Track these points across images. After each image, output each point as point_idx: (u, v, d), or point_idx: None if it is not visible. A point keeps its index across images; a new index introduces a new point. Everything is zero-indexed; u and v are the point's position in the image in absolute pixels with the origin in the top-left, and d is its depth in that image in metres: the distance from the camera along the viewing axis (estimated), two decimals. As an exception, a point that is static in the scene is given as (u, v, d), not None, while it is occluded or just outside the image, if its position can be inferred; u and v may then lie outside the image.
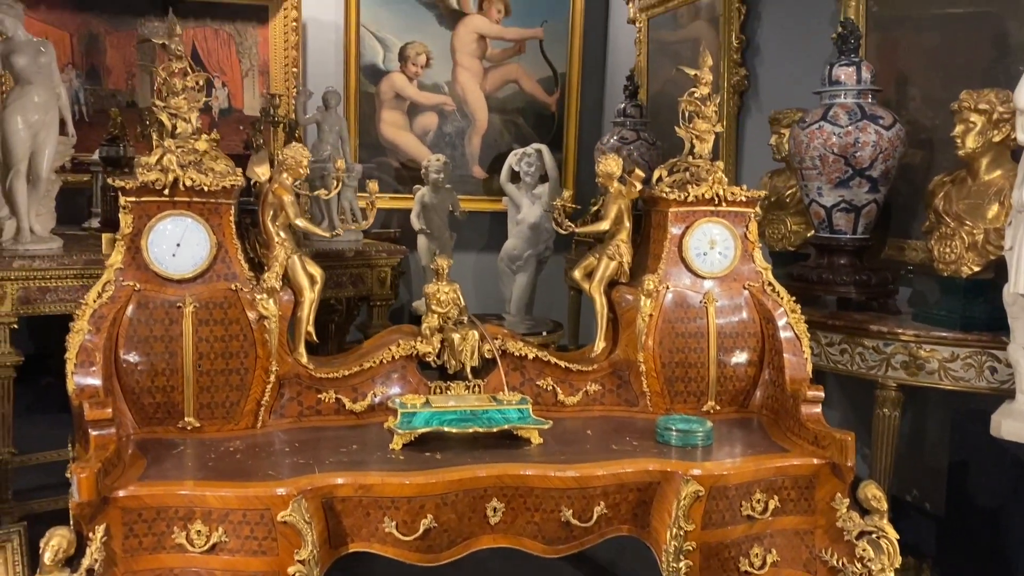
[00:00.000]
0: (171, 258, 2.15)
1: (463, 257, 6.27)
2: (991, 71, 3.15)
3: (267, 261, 2.26)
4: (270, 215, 2.25)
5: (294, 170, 2.25)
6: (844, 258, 3.29)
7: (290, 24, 5.74)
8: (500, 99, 6.31)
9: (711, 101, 2.45)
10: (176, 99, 2.18)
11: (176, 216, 2.15)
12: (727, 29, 4.67)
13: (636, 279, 2.47)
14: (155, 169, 2.11)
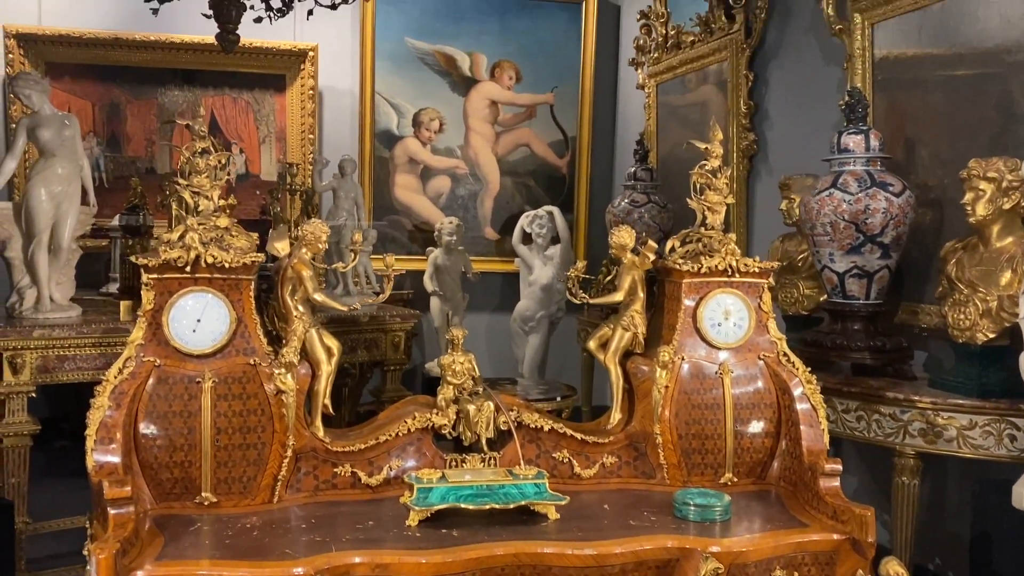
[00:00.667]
0: (191, 334, 2.18)
1: (476, 318, 6.31)
2: (998, 135, 3.19)
3: (285, 335, 2.29)
4: (289, 289, 2.28)
5: (313, 245, 2.29)
6: (858, 324, 3.29)
7: (307, 92, 5.87)
8: (512, 162, 6.41)
9: (722, 173, 2.49)
10: (199, 178, 2.23)
11: (197, 292, 2.18)
12: (735, 95, 4.75)
13: (651, 349, 2.48)
14: (177, 246, 2.15)
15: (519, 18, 6.29)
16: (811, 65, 4.27)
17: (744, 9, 4.65)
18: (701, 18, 5.08)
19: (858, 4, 3.75)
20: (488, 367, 6.27)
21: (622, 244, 2.50)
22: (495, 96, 6.33)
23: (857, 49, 3.79)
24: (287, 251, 2.30)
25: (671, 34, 5.41)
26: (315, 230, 2.29)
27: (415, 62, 6.20)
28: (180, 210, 2.52)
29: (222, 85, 5.78)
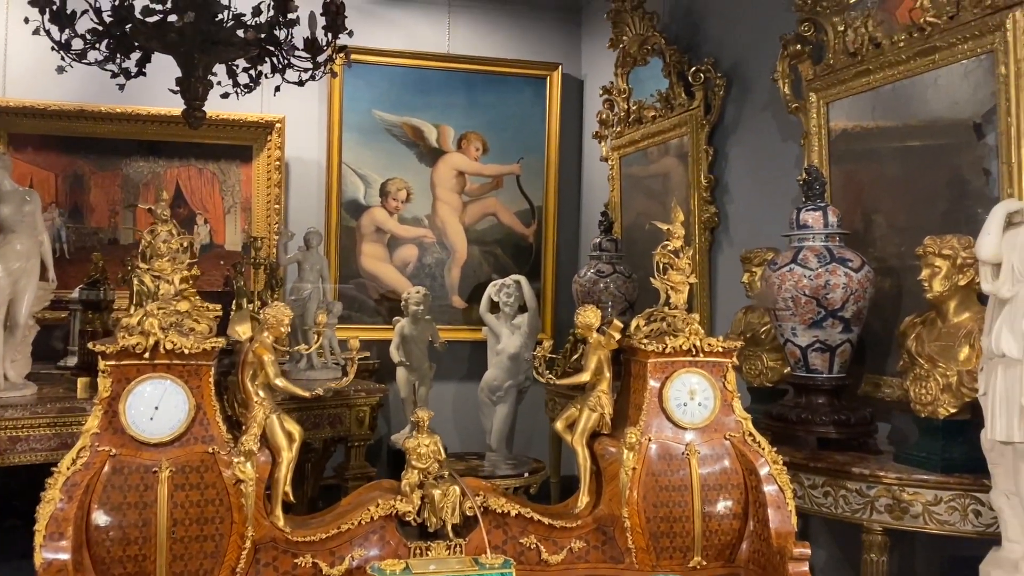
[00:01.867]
0: (148, 422, 2.13)
1: (442, 388, 6.25)
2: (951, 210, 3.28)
3: (245, 420, 2.25)
4: (249, 374, 2.25)
5: (275, 329, 2.27)
6: (822, 397, 3.32)
7: (273, 163, 5.89)
8: (479, 231, 6.45)
9: (684, 253, 2.52)
10: (160, 261, 2.21)
11: (155, 379, 2.14)
12: (696, 169, 4.85)
13: (617, 429, 2.47)
14: (136, 332, 2.11)
15: (486, 92, 6.41)
16: (769, 140, 4.38)
17: (703, 87, 4.78)
18: (662, 94, 5.21)
19: (813, 84, 3.88)
20: (455, 438, 6.20)
21: (588, 324, 2.51)
22: (462, 167, 6.40)
23: (813, 126, 3.90)
24: (248, 335, 2.27)
25: (633, 109, 5.53)
26: (277, 313, 2.27)
27: (382, 133, 6.27)
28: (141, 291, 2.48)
29: (187, 156, 5.78)
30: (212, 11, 3.48)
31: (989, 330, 2.45)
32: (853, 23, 3.63)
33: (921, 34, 3.26)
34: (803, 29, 3.87)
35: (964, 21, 3.08)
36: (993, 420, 2.40)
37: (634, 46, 5.31)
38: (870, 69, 3.54)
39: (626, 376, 2.54)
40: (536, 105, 6.50)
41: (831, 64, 3.76)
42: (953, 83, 3.22)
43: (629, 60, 5.43)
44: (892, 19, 3.49)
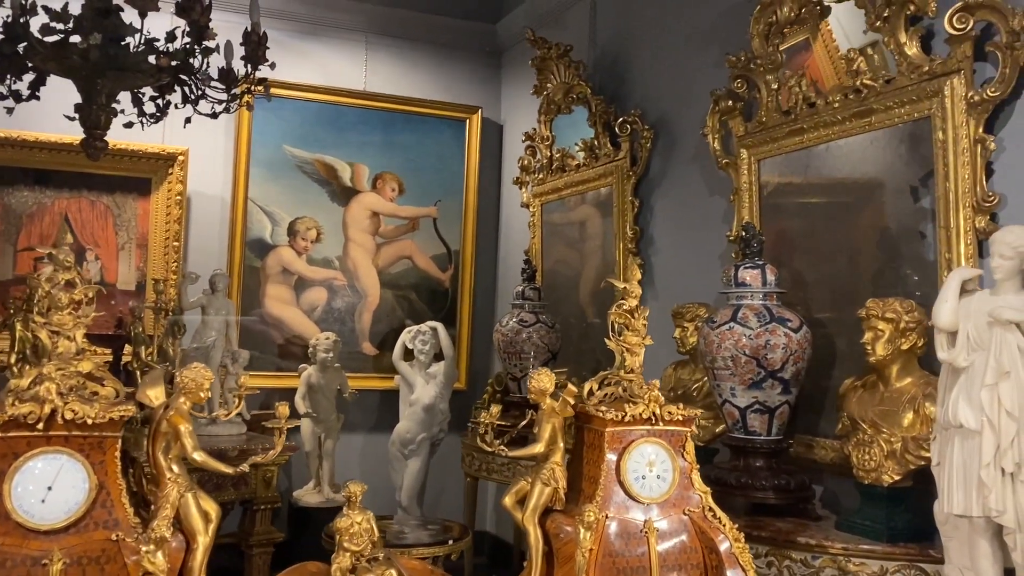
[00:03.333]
0: (39, 504, 1.81)
1: (350, 440, 5.93)
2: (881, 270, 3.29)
3: (155, 500, 1.95)
4: (162, 446, 1.96)
5: (193, 394, 1.99)
6: (760, 460, 3.23)
7: (174, 198, 5.51)
8: (393, 275, 6.22)
9: (640, 314, 2.39)
10: (60, 314, 1.91)
11: (50, 454, 1.83)
12: (621, 220, 4.79)
13: (569, 504, 2.29)
14: (28, 399, 1.81)
15: (403, 131, 6.23)
16: (696, 194, 4.35)
17: (630, 138, 4.74)
18: (586, 143, 5.15)
19: (744, 141, 3.87)
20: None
21: (541, 389, 2.34)
22: (377, 207, 6.17)
23: (744, 183, 3.88)
24: (162, 400, 1.99)
25: (556, 157, 5.45)
26: (196, 376, 2.00)
27: (293, 170, 5.98)
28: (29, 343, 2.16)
29: (79, 187, 5.35)
30: (120, 34, 3.18)
31: (943, 400, 2.41)
32: (787, 82, 3.64)
33: (857, 96, 3.29)
34: (736, 85, 3.86)
35: (900, 86, 3.11)
36: (949, 493, 2.34)
37: (559, 94, 5.24)
38: (804, 128, 3.55)
39: (578, 445, 2.37)
40: (455, 147, 6.36)
41: (763, 122, 3.77)
42: (889, 146, 3.25)
43: (553, 107, 5.36)
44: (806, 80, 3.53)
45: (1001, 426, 2.22)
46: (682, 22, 4.53)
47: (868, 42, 3.29)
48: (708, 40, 4.32)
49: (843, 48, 3.41)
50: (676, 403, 2.30)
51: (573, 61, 5.09)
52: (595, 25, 5.35)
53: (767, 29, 3.67)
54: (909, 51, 3.07)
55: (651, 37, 4.82)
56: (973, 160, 2.88)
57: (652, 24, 4.82)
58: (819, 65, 3.60)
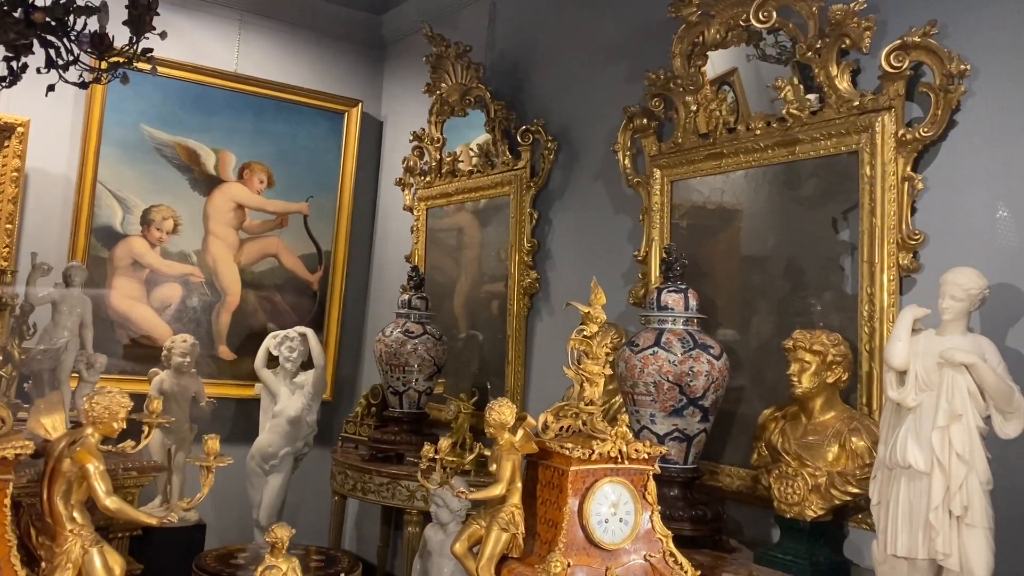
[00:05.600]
0: None
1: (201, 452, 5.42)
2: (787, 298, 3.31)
3: (49, 557, 1.56)
4: (61, 490, 1.57)
5: (105, 425, 1.62)
6: (676, 490, 3.14)
7: (9, 174, 4.83)
8: (257, 273, 5.76)
9: (600, 340, 2.22)
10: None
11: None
12: (518, 231, 4.64)
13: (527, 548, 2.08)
14: None
15: (276, 120, 5.80)
16: (600, 211, 4.26)
17: (531, 148, 4.59)
18: (482, 149, 4.96)
19: (658, 160, 3.81)
20: (210, 512, 5.38)
21: (501, 422, 2.11)
22: (242, 199, 5.70)
23: (655, 203, 3.82)
24: (60, 431, 1.60)
25: (447, 160, 5.23)
26: (110, 404, 1.63)
27: (150, 152, 5.42)
28: None
29: None
30: (-19, -22, 2.67)
31: (886, 439, 2.40)
32: (707, 104, 3.61)
33: (781, 125, 3.29)
34: (653, 104, 3.80)
35: (827, 118, 3.13)
36: (894, 534, 2.32)
37: (454, 95, 5.01)
38: (723, 152, 3.52)
39: (532, 484, 2.16)
40: (331, 141, 5.99)
41: (679, 143, 3.72)
42: (811, 177, 3.26)
43: (446, 109, 5.13)
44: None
45: (951, 469, 2.22)
46: (590, 34, 4.43)
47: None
48: (620, 55, 4.24)
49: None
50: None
51: (472, 62, 4.88)
52: (494, 28, 5.17)
53: (690, 49, 3.62)
54: (840, 84, 3.09)
55: (555, 46, 4.70)
56: (900, 197, 2.92)
57: (557, 33, 4.70)
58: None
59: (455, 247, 5.36)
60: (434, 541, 3.32)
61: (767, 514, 3.11)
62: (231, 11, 5.69)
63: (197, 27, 5.55)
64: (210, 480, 1.82)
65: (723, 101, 3.57)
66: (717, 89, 3.61)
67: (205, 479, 1.81)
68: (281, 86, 5.78)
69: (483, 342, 5.01)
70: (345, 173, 6.00)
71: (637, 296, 3.84)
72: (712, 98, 3.60)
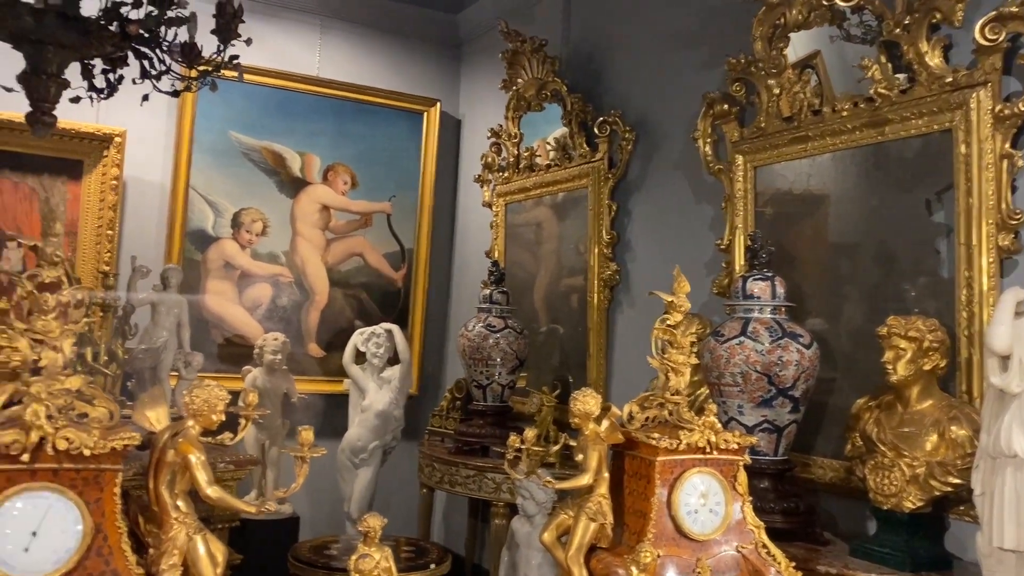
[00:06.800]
0: (22, 554, 1.49)
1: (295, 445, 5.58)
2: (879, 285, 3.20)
3: (157, 544, 1.65)
4: (166, 479, 1.65)
5: (205, 417, 1.70)
6: (766, 482, 3.08)
7: (108, 183, 5.05)
8: (343, 272, 5.89)
9: (685, 329, 2.19)
10: (45, 320, 1.58)
11: (34, 491, 1.51)
12: (597, 224, 4.62)
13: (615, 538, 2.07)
14: (11, 426, 1.48)
15: (357, 122, 5.91)
16: (680, 200, 4.21)
17: (608, 139, 4.56)
18: (559, 143, 4.96)
19: (740, 147, 3.74)
20: (305, 505, 5.55)
21: (586, 412, 2.11)
22: (328, 201, 5.83)
23: (738, 190, 3.75)
24: (164, 424, 1.68)
25: (524, 155, 5.24)
26: (209, 397, 1.70)
27: (238, 157, 5.59)
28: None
29: (1, 168, 4.83)
30: (79, -5, 2.80)
31: (989, 427, 2.30)
32: (790, 87, 3.52)
33: (869, 105, 3.18)
34: (734, 89, 3.72)
35: (918, 96, 3.02)
36: (1000, 526, 2.23)
37: (530, 90, 5.02)
38: (808, 136, 3.43)
39: (618, 474, 2.15)
40: (411, 141, 6.07)
41: (762, 127, 3.64)
42: (902, 157, 3.15)
43: (523, 104, 5.14)
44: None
45: (1061, 457, 2.11)
46: (666, 21, 4.38)
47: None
48: (696, 41, 4.17)
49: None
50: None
51: (548, 56, 4.88)
52: (568, 21, 5.15)
53: (771, 31, 3.54)
54: (931, 61, 2.97)
55: (630, 36, 4.66)
56: (998, 175, 2.80)
57: (632, 22, 4.65)
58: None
59: (534, 241, 5.37)
60: (521, 533, 3.34)
61: (862, 506, 3.02)
62: (312, 16, 5.83)
63: (279, 33, 5.70)
64: (304, 470, 1.88)
65: (807, 83, 3.47)
66: (799, 72, 3.52)
67: (300, 469, 1.87)
68: (361, 88, 5.89)
69: (564, 335, 5.01)
70: (425, 172, 6.08)
71: (721, 285, 3.78)
72: (795, 81, 3.51)
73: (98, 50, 3.00)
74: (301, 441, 1.86)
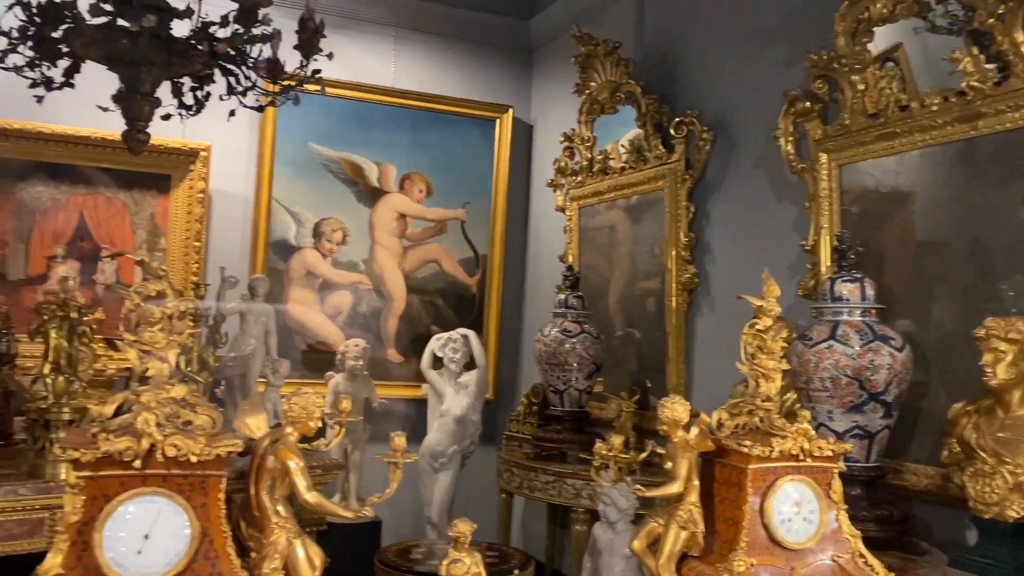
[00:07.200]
0: (135, 556, 1.55)
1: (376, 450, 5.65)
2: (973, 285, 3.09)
3: (258, 548, 1.70)
4: (267, 485, 1.70)
5: (303, 424, 1.74)
6: (858, 489, 3.00)
7: (195, 196, 5.23)
8: (419, 279, 5.97)
9: (776, 334, 2.15)
10: (151, 331, 1.65)
11: (146, 496, 1.57)
12: (674, 226, 4.57)
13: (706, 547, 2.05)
14: (123, 434, 1.54)
15: (431, 131, 5.98)
16: (761, 201, 4.13)
17: (685, 140, 4.51)
18: (633, 145, 4.92)
19: (824, 145, 3.65)
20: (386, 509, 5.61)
21: (675, 419, 2.09)
22: (404, 209, 5.92)
23: (823, 190, 3.66)
24: (263, 431, 1.73)
25: (597, 158, 5.22)
26: (306, 404, 1.75)
27: (318, 169, 5.72)
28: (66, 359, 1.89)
29: (95, 183, 5.05)
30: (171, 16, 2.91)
31: (1101, 431, 2.19)
32: (876, 83, 3.43)
33: (961, 99, 3.07)
34: (816, 86, 3.64)
35: (1014, 88, 2.90)
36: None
37: (603, 93, 5.01)
38: (896, 132, 3.33)
39: (707, 481, 2.13)
40: (484, 147, 6.12)
41: (846, 125, 3.54)
42: (997, 152, 3.03)
43: (596, 107, 5.13)
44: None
45: None
46: (743, 19, 4.31)
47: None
48: (775, 38, 4.10)
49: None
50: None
51: (622, 58, 4.86)
52: (642, 22, 5.12)
53: (854, 26, 3.45)
54: (1029, 51, 2.85)
55: (706, 35, 4.60)
56: (1106, 170, 2.67)
57: (708, 22, 4.60)
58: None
59: (607, 245, 5.34)
60: (603, 539, 3.32)
61: (960, 515, 2.91)
62: (386, 28, 5.93)
63: (356, 46, 5.81)
64: (398, 475, 1.91)
65: (893, 78, 3.38)
66: (880, 65, 3.42)
67: (393, 474, 1.90)
68: (435, 97, 5.96)
69: (640, 340, 4.97)
70: (498, 177, 6.12)
71: (806, 288, 3.69)
72: (881, 76, 3.41)
73: (188, 69, 3.11)
74: (394, 447, 1.89)
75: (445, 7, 6.02)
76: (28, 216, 4.86)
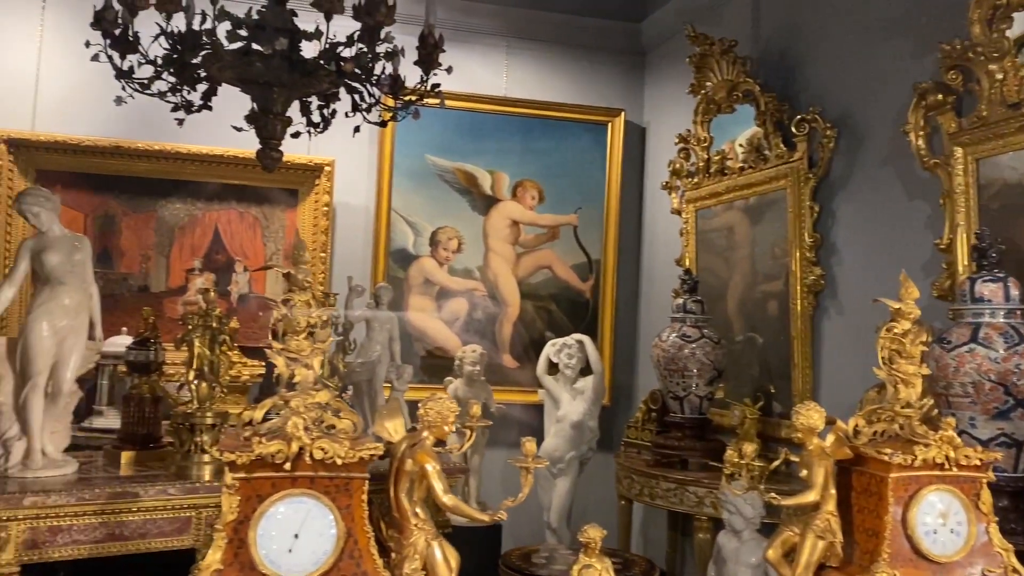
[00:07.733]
0: (287, 555, 1.63)
1: (493, 455, 5.73)
2: None
3: (398, 549, 1.75)
4: (405, 487, 1.76)
5: (438, 429, 1.79)
6: (1004, 500, 2.83)
7: (321, 208, 5.44)
8: (533, 285, 6.01)
9: (916, 336, 2.07)
10: (297, 340, 1.74)
11: (296, 497, 1.65)
12: (798, 227, 4.43)
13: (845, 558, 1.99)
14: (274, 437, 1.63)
15: (542, 138, 6.02)
16: (890, 199, 3.96)
17: (807, 138, 4.38)
18: (752, 144, 4.81)
19: (959, 138, 3.48)
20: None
21: (811, 426, 2.04)
22: (517, 216, 5.98)
23: (959, 185, 3.49)
24: (402, 434, 1.79)
25: (714, 159, 5.13)
26: (442, 409, 1.80)
27: (434, 179, 5.85)
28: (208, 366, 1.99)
29: (229, 199, 5.33)
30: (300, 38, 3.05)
31: None
32: (1016, 71, 3.24)
33: (1113, 85, 2.87)
34: (949, 77, 3.47)
35: None
36: None
37: (720, 92, 4.92)
38: (1040, 123, 3.14)
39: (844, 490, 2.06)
40: (595, 152, 6.11)
41: (984, 116, 3.36)
42: None
43: (712, 107, 5.04)
44: None
45: None
46: (865, 10, 4.16)
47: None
48: (901, 29, 3.93)
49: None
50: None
51: (738, 57, 4.77)
52: (758, 19, 5.01)
53: (991, 12, 3.28)
54: None
55: (826, 28, 4.46)
56: None
57: (828, 15, 4.45)
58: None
59: (725, 247, 5.24)
60: (728, 548, 3.26)
61: None
62: (498, 39, 6.01)
63: (469, 58, 5.92)
64: (529, 480, 1.94)
65: (1035, 65, 3.19)
66: (1020, 52, 3.24)
67: (525, 479, 1.93)
68: (546, 104, 6.00)
69: (763, 344, 4.85)
70: (611, 182, 6.10)
71: (942, 288, 3.52)
72: (1022, 64, 3.23)
73: (316, 88, 3.24)
74: (525, 452, 1.92)
75: (557, 14, 6.05)
76: (168, 232, 5.17)
